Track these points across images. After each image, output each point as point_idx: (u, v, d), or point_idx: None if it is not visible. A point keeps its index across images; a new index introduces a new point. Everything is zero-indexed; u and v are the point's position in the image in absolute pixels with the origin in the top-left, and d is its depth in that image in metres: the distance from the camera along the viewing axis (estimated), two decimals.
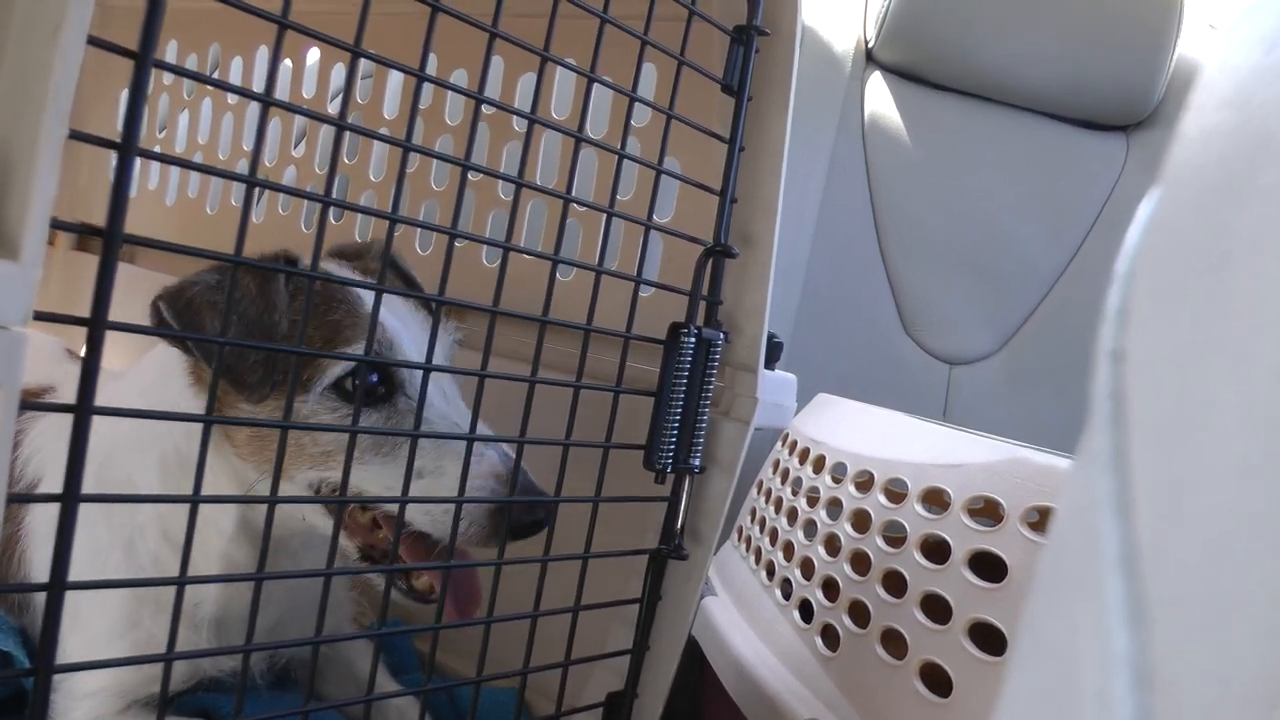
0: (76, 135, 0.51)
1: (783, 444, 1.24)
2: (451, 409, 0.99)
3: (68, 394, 0.56)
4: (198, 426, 0.97)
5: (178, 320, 0.88)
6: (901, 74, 2.16)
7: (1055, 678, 0.28)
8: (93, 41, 0.51)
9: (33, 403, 0.86)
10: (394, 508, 0.93)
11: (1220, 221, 0.26)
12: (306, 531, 1.02)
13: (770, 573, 1.11)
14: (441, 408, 0.98)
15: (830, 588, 0.99)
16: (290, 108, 0.67)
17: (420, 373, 0.93)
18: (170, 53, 1.70)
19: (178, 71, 0.59)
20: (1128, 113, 2.17)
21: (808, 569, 1.03)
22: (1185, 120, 0.29)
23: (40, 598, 0.58)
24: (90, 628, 0.99)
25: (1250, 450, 0.22)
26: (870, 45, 2.14)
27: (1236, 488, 0.22)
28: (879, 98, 2.13)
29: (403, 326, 1.00)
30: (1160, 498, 0.25)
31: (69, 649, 0.96)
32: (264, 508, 0.95)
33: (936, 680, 0.83)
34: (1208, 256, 0.26)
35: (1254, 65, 0.26)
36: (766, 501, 1.20)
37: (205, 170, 0.62)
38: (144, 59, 0.54)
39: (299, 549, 1.06)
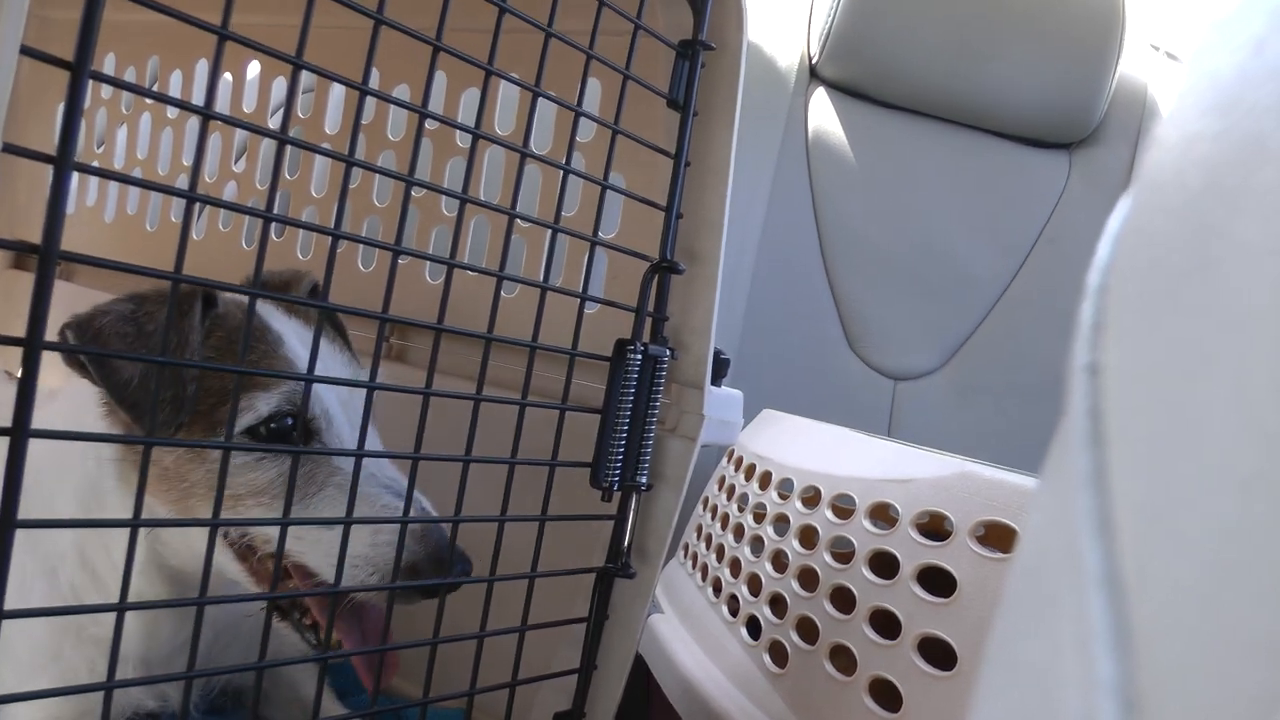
0: (10, 149, 0.50)
1: (729, 460, 1.24)
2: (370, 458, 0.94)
3: (5, 416, 0.55)
4: (107, 453, 0.96)
5: (88, 355, 0.86)
6: (845, 90, 2.17)
7: (1032, 704, 0.27)
8: (26, 51, 0.49)
9: None
10: (306, 554, 0.90)
11: (1206, 228, 0.25)
12: (216, 574, 0.99)
13: (717, 590, 1.11)
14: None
15: (778, 604, 0.98)
16: (231, 120, 0.65)
17: (339, 418, 0.92)
18: (108, 66, 1.67)
19: (115, 84, 0.58)
20: (1070, 131, 2.18)
21: (755, 585, 1.03)
22: (1162, 127, 0.29)
23: None
24: (15, 658, 0.97)
25: (1249, 463, 0.22)
26: (814, 61, 2.14)
27: (1234, 503, 0.22)
28: (823, 114, 2.14)
29: (322, 368, 0.97)
30: (1146, 515, 0.25)
31: None
32: (174, 544, 0.93)
33: (886, 696, 0.83)
34: (1192, 264, 0.25)
35: (1242, 67, 0.26)
36: (713, 518, 1.20)
37: (144, 185, 0.61)
38: (80, 70, 0.52)
39: (216, 587, 1.04)
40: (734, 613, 1.05)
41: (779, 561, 1.01)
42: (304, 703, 1.15)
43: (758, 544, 1.05)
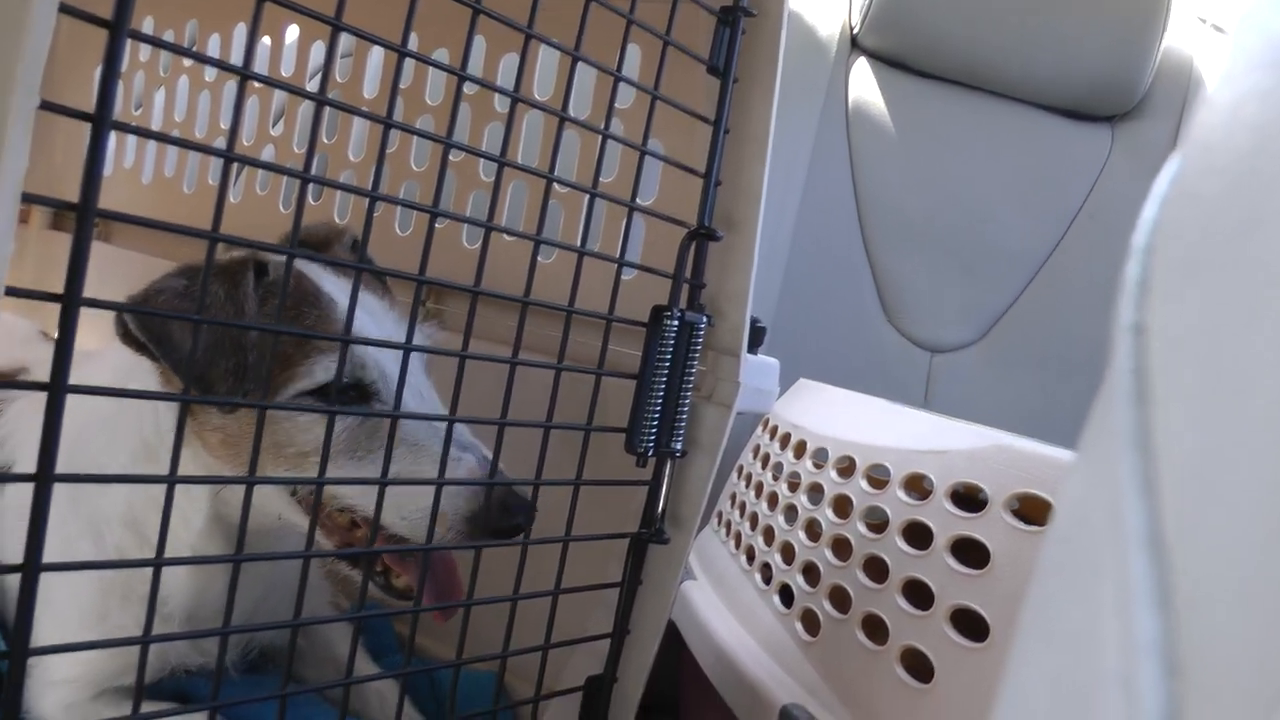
0: (48, 106, 0.50)
1: (763, 429, 1.23)
2: (429, 411, 0.97)
3: (42, 376, 0.55)
4: (167, 423, 0.97)
5: (144, 331, 0.85)
6: (886, 61, 2.15)
7: (1072, 665, 0.27)
8: (65, 9, 0.50)
9: (4, 381, 0.85)
10: (371, 509, 0.92)
11: (1255, 185, 0.25)
12: (280, 529, 1.00)
13: (750, 557, 1.11)
14: (418, 410, 0.97)
15: (811, 573, 0.98)
16: (269, 81, 0.65)
17: (395, 380, 0.92)
18: (146, 29, 1.68)
19: (153, 42, 0.58)
20: (1113, 104, 2.16)
21: (788, 554, 1.03)
22: (1215, 88, 0.28)
23: (13, 581, 0.57)
24: (61, 618, 0.98)
25: None
26: (855, 31, 2.13)
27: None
28: (863, 84, 2.12)
29: (377, 327, 0.99)
30: (1190, 475, 0.24)
31: (41, 636, 0.95)
32: (237, 502, 0.94)
33: (917, 666, 0.83)
34: (1239, 221, 0.25)
35: None
36: (747, 486, 1.20)
37: (181, 144, 0.61)
38: (119, 28, 0.53)
39: (272, 545, 1.05)
40: (767, 581, 1.05)
41: (812, 530, 1.00)
42: (339, 662, 1.16)
43: (791, 513, 1.05)
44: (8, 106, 0.47)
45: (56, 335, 0.56)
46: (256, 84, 0.63)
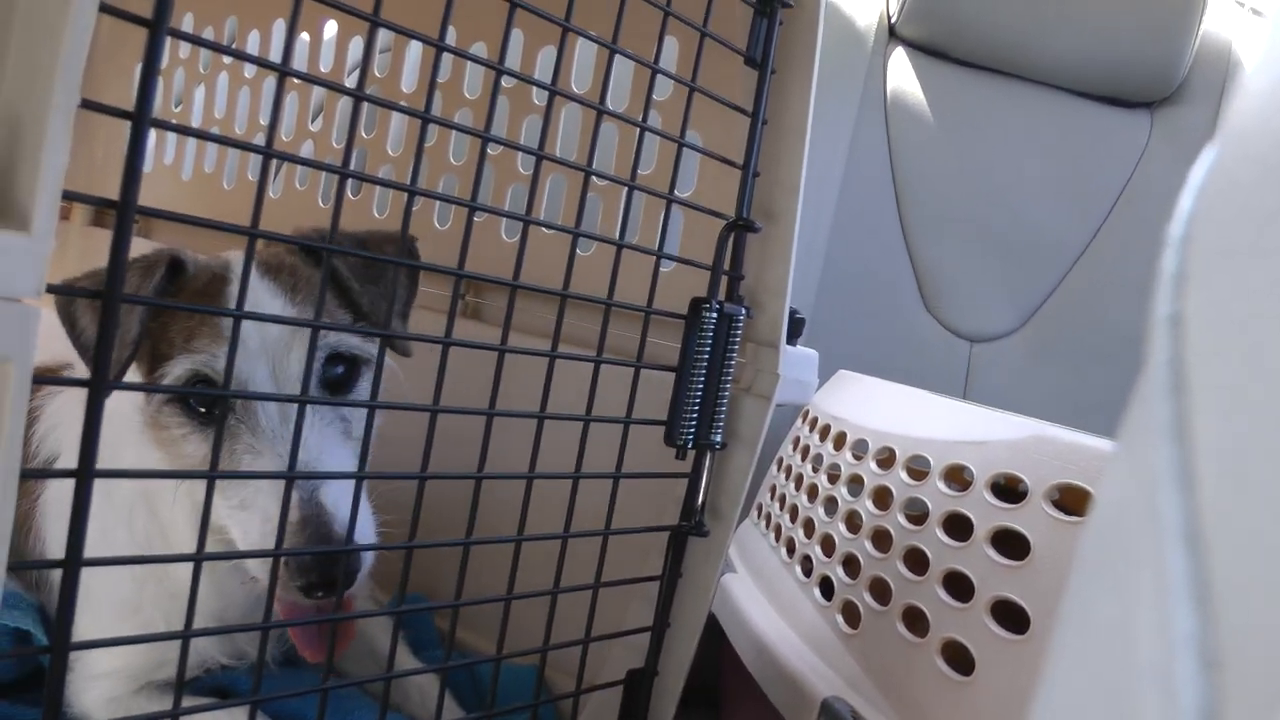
0: (88, 105, 0.50)
1: (803, 420, 1.23)
2: (287, 435, 0.88)
3: (83, 370, 0.56)
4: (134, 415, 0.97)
5: (59, 310, 0.84)
6: (924, 49, 2.14)
7: (1109, 659, 0.27)
8: (105, 9, 0.50)
9: (47, 378, 0.85)
10: (230, 533, 0.88)
11: None
12: None
13: (790, 550, 1.11)
14: (273, 432, 0.89)
15: (851, 565, 0.98)
16: (307, 78, 0.66)
17: (265, 390, 0.90)
18: (186, 26, 1.69)
19: (193, 40, 0.58)
20: (1152, 90, 2.14)
21: (828, 546, 1.03)
22: (1251, 74, 0.28)
23: (54, 575, 0.58)
24: (98, 609, 0.99)
25: None
26: (893, 21, 2.12)
27: None
28: (901, 73, 2.12)
29: (260, 345, 0.90)
30: (1228, 467, 0.24)
31: (79, 628, 0.96)
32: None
33: (958, 658, 0.82)
34: (1276, 208, 0.24)
35: None
36: (787, 478, 1.20)
37: (220, 140, 0.62)
38: (158, 26, 0.53)
39: None
40: (807, 573, 1.05)
41: (852, 522, 1.00)
42: (379, 656, 1.16)
43: (831, 504, 1.05)
44: (49, 105, 0.48)
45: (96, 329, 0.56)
46: (295, 80, 0.63)
